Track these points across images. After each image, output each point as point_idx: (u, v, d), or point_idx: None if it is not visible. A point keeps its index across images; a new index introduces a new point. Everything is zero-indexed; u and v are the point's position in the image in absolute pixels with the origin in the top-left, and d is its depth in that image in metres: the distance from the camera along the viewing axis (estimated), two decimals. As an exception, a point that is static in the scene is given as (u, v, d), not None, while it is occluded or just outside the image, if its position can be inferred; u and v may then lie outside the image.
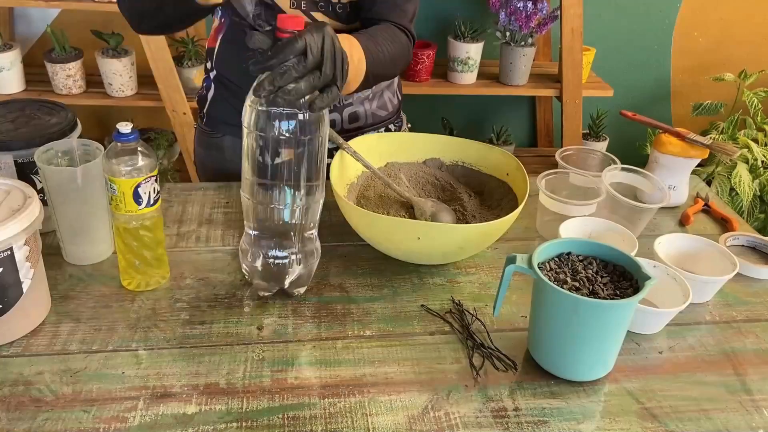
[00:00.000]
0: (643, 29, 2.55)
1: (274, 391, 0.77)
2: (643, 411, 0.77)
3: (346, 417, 0.74)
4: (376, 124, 1.26)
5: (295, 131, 0.80)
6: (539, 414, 0.76)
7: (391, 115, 1.28)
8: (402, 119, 1.34)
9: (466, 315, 0.90)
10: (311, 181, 0.85)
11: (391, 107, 1.28)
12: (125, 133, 0.82)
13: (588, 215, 1.03)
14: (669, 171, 1.17)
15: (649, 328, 0.89)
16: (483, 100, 2.60)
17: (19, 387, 0.76)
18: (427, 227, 0.92)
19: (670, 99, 2.71)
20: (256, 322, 0.88)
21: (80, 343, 0.83)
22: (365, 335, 0.86)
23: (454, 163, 1.14)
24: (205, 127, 1.28)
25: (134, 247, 0.89)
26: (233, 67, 1.19)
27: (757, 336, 0.90)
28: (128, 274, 0.91)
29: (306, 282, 0.93)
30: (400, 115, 1.33)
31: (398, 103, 1.31)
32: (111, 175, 0.84)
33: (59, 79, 2.17)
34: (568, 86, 2.27)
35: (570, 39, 2.21)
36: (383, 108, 1.25)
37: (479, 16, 2.38)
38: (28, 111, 1.03)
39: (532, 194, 1.03)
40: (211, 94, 1.24)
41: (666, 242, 1.00)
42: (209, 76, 1.25)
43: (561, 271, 0.81)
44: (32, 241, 0.81)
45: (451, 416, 0.75)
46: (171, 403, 0.75)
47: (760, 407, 0.79)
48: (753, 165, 2.24)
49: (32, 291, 0.82)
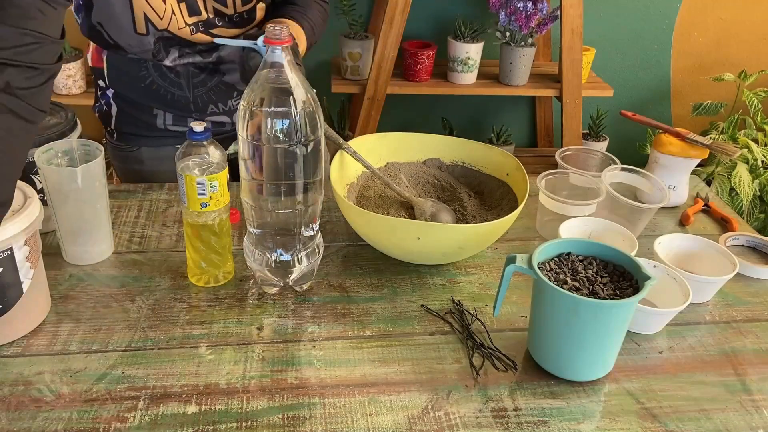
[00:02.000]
0: (643, 29, 2.55)
1: (274, 391, 0.77)
2: (643, 411, 0.77)
3: (346, 417, 0.74)
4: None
5: (290, 130, 0.80)
6: (539, 414, 0.76)
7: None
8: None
9: (466, 315, 0.90)
10: (310, 179, 0.85)
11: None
12: (198, 132, 0.84)
13: (588, 215, 1.03)
14: (669, 171, 1.17)
15: (649, 328, 0.89)
16: (483, 100, 2.60)
17: (19, 387, 0.76)
18: (426, 227, 0.92)
19: (670, 99, 2.71)
20: (256, 322, 0.88)
21: (80, 343, 0.83)
22: (365, 335, 0.86)
23: (454, 163, 1.14)
24: (118, 143, 1.28)
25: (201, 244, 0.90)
26: (129, 85, 1.20)
27: (757, 336, 0.90)
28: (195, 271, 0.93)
29: (310, 278, 0.93)
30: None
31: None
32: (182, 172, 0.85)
33: (59, 79, 2.17)
34: (568, 86, 2.27)
35: (570, 39, 2.21)
36: None
37: (479, 16, 2.38)
38: (28, 111, 1.03)
39: (532, 194, 1.03)
40: (114, 110, 1.24)
41: (666, 242, 1.00)
42: (106, 93, 1.24)
43: (561, 271, 0.81)
44: (32, 241, 0.81)
45: (451, 416, 0.75)
46: (171, 403, 0.75)
47: (760, 407, 0.79)
48: (753, 165, 2.24)
49: (32, 291, 0.82)
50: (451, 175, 1.14)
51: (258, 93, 0.79)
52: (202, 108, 1.23)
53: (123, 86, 1.21)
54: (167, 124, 1.24)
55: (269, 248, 0.88)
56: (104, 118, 1.27)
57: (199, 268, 0.92)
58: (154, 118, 1.23)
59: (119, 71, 1.20)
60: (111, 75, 1.21)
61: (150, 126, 1.24)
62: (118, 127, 1.26)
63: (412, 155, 1.14)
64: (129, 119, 1.24)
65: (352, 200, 1.06)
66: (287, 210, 0.85)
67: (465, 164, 1.14)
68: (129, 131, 1.26)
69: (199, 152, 0.86)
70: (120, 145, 1.28)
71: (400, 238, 0.92)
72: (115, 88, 1.22)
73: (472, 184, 1.12)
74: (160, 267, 0.97)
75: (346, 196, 1.04)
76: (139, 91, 1.20)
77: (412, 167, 1.14)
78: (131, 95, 1.21)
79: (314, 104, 0.81)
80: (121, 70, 1.19)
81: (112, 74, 1.21)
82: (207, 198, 0.86)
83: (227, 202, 0.89)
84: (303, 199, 0.85)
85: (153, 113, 1.23)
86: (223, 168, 0.86)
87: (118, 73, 1.20)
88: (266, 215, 0.86)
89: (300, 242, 0.89)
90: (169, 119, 1.23)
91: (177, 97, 1.20)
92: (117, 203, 1.11)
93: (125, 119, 1.24)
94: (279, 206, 0.85)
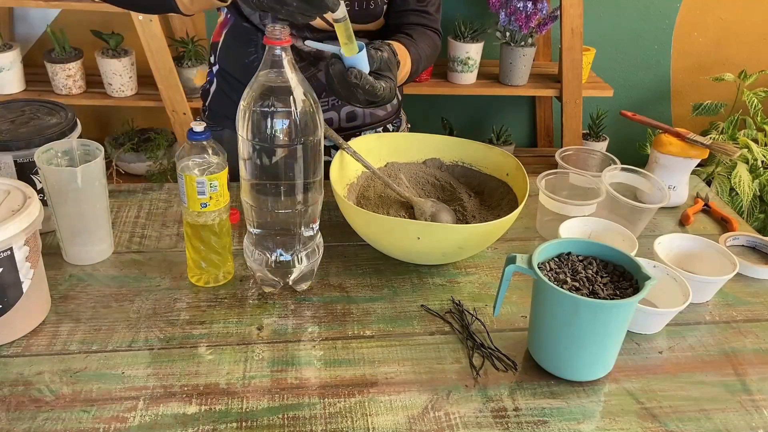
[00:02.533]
0: (643, 29, 2.55)
1: (274, 391, 0.77)
2: (643, 411, 0.77)
3: (346, 417, 0.74)
4: (374, 123, 1.26)
5: (290, 130, 0.80)
6: (539, 414, 0.76)
7: (389, 115, 1.29)
8: (401, 119, 1.34)
9: (466, 315, 0.90)
10: (310, 179, 0.85)
11: (390, 107, 1.28)
12: (198, 132, 0.84)
13: (588, 215, 1.03)
14: (669, 171, 1.17)
15: (649, 328, 0.89)
16: (483, 100, 2.60)
17: (19, 387, 0.76)
18: (427, 227, 0.92)
19: (670, 99, 2.71)
20: (256, 322, 0.88)
21: (80, 343, 0.83)
22: (365, 335, 0.86)
23: (454, 163, 1.14)
24: (207, 120, 1.28)
25: (201, 244, 0.90)
26: (235, 62, 1.20)
27: (757, 336, 0.90)
28: (195, 271, 0.93)
29: (310, 278, 0.93)
30: (399, 114, 1.33)
31: (398, 104, 1.31)
32: (182, 172, 0.85)
33: (59, 79, 2.17)
34: (568, 86, 2.27)
35: (570, 39, 2.21)
36: (382, 108, 1.25)
37: (479, 16, 2.38)
38: (28, 111, 1.04)
39: (532, 194, 1.03)
40: (214, 87, 1.26)
41: (666, 242, 1.00)
42: (212, 70, 1.26)
43: (561, 271, 0.81)
44: (32, 241, 0.81)
45: (451, 416, 0.75)
46: (171, 403, 0.75)
47: (760, 407, 0.79)
48: (753, 165, 2.24)
49: (32, 291, 0.82)
50: (451, 175, 1.14)
51: (258, 93, 0.79)
52: None
53: (229, 61, 1.22)
54: None
55: (269, 248, 0.88)
56: (204, 95, 1.29)
57: (199, 268, 0.92)
58: None
59: (230, 46, 1.20)
60: (222, 49, 1.21)
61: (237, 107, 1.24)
62: (212, 104, 1.27)
63: (412, 155, 1.14)
64: (223, 98, 1.25)
65: (352, 200, 1.06)
66: (287, 210, 0.85)
67: (465, 164, 1.14)
68: (219, 110, 1.26)
69: (199, 152, 0.86)
70: (209, 123, 1.28)
71: (400, 238, 0.92)
72: (221, 64, 1.23)
73: (472, 184, 1.12)
74: (160, 267, 0.97)
75: (346, 196, 1.04)
76: (241, 68, 1.19)
77: (412, 167, 1.13)
78: (233, 72, 1.21)
79: (314, 104, 0.81)
80: (232, 45, 1.20)
81: (223, 49, 1.21)
82: (207, 198, 0.86)
83: (227, 202, 0.89)
84: (303, 199, 0.85)
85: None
86: (223, 168, 0.86)
87: (229, 48, 1.20)
88: (266, 215, 0.86)
89: (300, 242, 0.89)
90: None
91: None
92: (117, 203, 1.11)
93: (219, 98, 1.25)
94: (279, 206, 0.85)
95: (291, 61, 0.80)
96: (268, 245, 0.88)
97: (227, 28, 1.20)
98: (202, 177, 0.84)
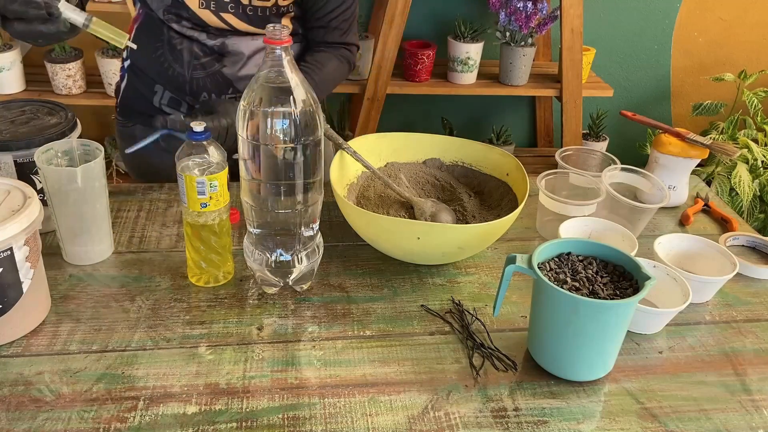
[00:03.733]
0: (643, 29, 2.55)
1: (274, 391, 0.77)
2: (643, 411, 0.77)
3: (346, 417, 0.74)
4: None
5: (289, 130, 0.80)
6: (539, 414, 0.76)
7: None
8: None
9: (466, 315, 0.90)
10: (310, 179, 0.85)
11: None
12: (198, 132, 0.84)
13: (588, 215, 1.03)
14: (669, 171, 1.17)
15: (649, 328, 0.89)
16: (483, 100, 2.60)
17: (19, 387, 0.76)
18: (427, 227, 0.92)
19: (670, 99, 2.71)
20: (256, 322, 0.88)
21: (80, 343, 0.83)
22: (365, 335, 0.86)
23: (454, 163, 1.14)
24: (119, 117, 1.31)
25: (201, 244, 0.90)
26: (144, 56, 1.22)
27: (756, 336, 0.90)
28: (195, 271, 0.93)
29: (310, 278, 0.93)
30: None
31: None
32: (182, 172, 0.85)
33: (59, 79, 2.17)
34: (568, 86, 2.27)
35: (570, 39, 2.20)
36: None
37: (479, 16, 2.38)
38: (28, 111, 1.04)
39: (532, 194, 1.03)
40: (125, 84, 1.28)
41: (666, 242, 1.00)
42: (124, 65, 1.28)
43: (561, 271, 0.81)
44: (32, 241, 0.81)
45: (451, 416, 0.75)
46: (171, 403, 0.75)
47: (760, 407, 0.79)
48: (753, 165, 2.24)
49: (32, 291, 0.82)
50: (451, 175, 1.14)
51: (258, 93, 0.79)
52: (197, 92, 1.22)
53: (138, 55, 1.24)
54: (162, 103, 1.25)
55: (269, 248, 0.88)
56: (116, 92, 1.30)
57: (199, 268, 0.92)
58: (153, 95, 1.25)
59: (140, 41, 1.21)
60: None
61: (147, 102, 1.25)
62: (123, 100, 1.29)
63: (412, 155, 1.14)
64: (134, 93, 1.26)
65: (352, 200, 1.06)
66: (287, 210, 0.85)
67: (465, 164, 1.14)
68: (130, 105, 1.28)
69: (199, 152, 0.86)
70: (121, 120, 1.31)
71: (400, 238, 0.92)
72: (132, 59, 1.25)
73: (472, 184, 1.12)
74: (160, 267, 0.97)
75: (346, 196, 1.04)
76: (149, 61, 1.21)
77: (412, 167, 1.13)
78: (143, 66, 1.23)
79: (314, 104, 0.81)
80: (141, 40, 1.21)
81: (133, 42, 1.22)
82: (207, 198, 0.86)
83: (227, 202, 0.89)
84: (303, 199, 0.85)
85: (154, 89, 1.24)
86: (223, 168, 0.86)
87: (138, 43, 1.21)
88: (266, 215, 0.86)
89: (300, 242, 0.89)
90: (165, 98, 1.24)
91: (176, 73, 1.20)
92: (117, 203, 1.11)
93: (130, 92, 1.27)
94: (279, 206, 0.85)
95: (291, 61, 0.80)
96: (268, 245, 0.88)
97: (138, 23, 1.22)
98: (202, 177, 0.84)
